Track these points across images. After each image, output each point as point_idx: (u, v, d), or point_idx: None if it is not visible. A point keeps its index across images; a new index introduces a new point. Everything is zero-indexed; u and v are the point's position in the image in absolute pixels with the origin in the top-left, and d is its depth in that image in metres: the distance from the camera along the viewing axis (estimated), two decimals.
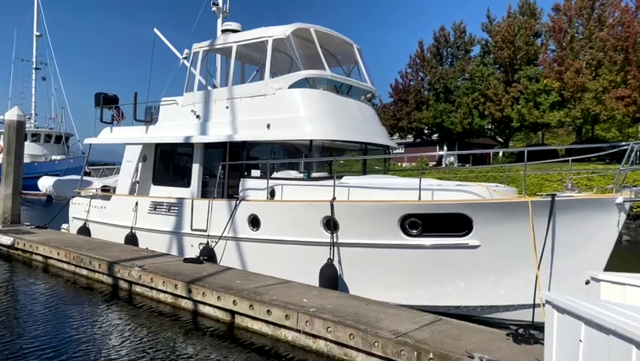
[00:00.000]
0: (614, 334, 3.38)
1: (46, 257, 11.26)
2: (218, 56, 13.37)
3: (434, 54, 46.86)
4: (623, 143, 7.14)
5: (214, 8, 13.74)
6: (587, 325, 3.72)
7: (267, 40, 10.79)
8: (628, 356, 3.23)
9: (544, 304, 4.57)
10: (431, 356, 5.19)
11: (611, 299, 5.05)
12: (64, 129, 47.92)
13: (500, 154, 43.12)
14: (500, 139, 45.61)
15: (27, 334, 6.78)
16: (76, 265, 10.29)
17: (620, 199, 6.80)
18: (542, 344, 4.46)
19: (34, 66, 47.49)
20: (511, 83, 39.12)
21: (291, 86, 10.41)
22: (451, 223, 7.76)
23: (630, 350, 3.22)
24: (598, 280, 5.28)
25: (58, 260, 10.81)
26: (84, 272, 10.09)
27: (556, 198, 7.00)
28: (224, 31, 12.64)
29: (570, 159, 9.57)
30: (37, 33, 46.89)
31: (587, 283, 5.91)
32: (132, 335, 6.92)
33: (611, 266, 7.12)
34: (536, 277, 6.94)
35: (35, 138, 44.79)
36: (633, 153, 6.93)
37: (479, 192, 7.90)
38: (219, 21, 13.66)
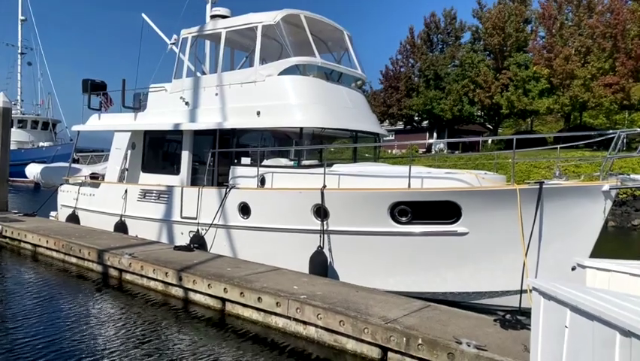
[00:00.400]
0: (599, 320, 3.45)
1: (34, 245, 11.19)
2: (208, 42, 13.24)
3: (424, 40, 46.78)
4: (610, 131, 7.22)
5: None
6: (573, 311, 3.79)
7: (256, 27, 10.69)
8: (612, 341, 3.30)
9: (531, 291, 4.65)
10: (420, 341, 5.27)
11: (597, 285, 5.15)
12: (52, 115, 47.47)
13: (489, 141, 43.37)
14: (490, 126, 45.81)
15: (18, 323, 6.76)
16: (65, 254, 10.24)
17: (606, 187, 6.89)
18: (529, 329, 4.54)
19: (19, 51, 46.82)
20: (501, 69, 39.19)
21: (281, 73, 10.35)
22: (440, 211, 7.82)
23: (614, 335, 3.29)
24: (584, 267, 5.38)
25: (47, 248, 10.74)
26: (74, 260, 10.05)
27: (544, 186, 7.08)
28: (213, 16, 12.50)
29: (558, 146, 9.67)
30: (22, 17, 46.11)
31: (574, 269, 6.02)
32: (123, 323, 6.93)
33: (597, 251, 7.23)
34: (524, 263, 7.04)
35: (22, 124, 44.23)
36: (620, 141, 7.00)
37: (468, 180, 7.95)
38: (208, 7, 13.49)
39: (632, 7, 28.83)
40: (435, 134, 48.15)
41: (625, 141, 7.19)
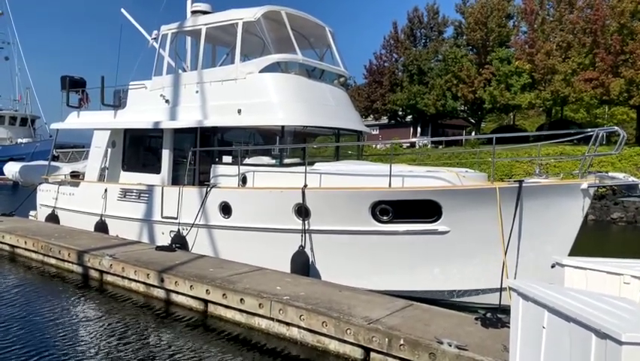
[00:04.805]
0: (575, 321, 3.49)
1: (12, 246, 11.00)
2: (188, 38, 13.08)
3: (408, 35, 46.85)
4: (589, 129, 7.30)
5: None
6: (550, 312, 3.83)
7: (236, 23, 10.58)
8: (587, 342, 3.34)
9: (509, 290, 4.68)
10: (402, 342, 5.28)
11: (575, 284, 5.21)
12: (30, 111, 46.69)
13: (473, 134, 43.71)
14: (473, 120, 46.10)
15: None
16: (44, 255, 10.08)
17: (584, 185, 6.97)
18: (509, 327, 4.58)
19: None
20: (484, 64, 39.41)
21: (262, 70, 10.26)
22: (421, 210, 7.84)
23: (590, 337, 3.33)
24: (562, 265, 5.44)
25: (26, 249, 10.56)
26: (53, 261, 9.90)
27: (523, 185, 7.14)
28: (193, 12, 12.35)
29: (539, 144, 9.77)
30: None
31: (553, 266, 6.09)
32: (104, 325, 6.85)
33: (577, 245, 7.34)
34: (503, 262, 7.10)
35: None
36: (598, 139, 7.09)
37: (449, 179, 7.98)
38: (189, 2, 13.32)
39: (611, 4, 29.14)
40: (419, 129, 48.34)
41: (605, 135, 7.28)
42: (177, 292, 7.61)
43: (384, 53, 47.84)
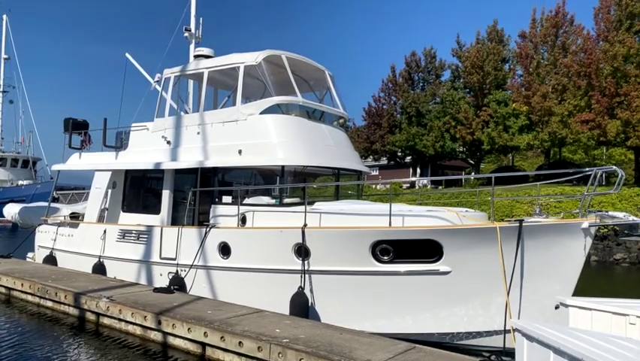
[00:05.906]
0: None
1: (9, 288, 10.83)
2: (191, 81, 13.34)
3: (406, 79, 47.73)
4: (587, 169, 7.34)
5: (186, 34, 13.81)
6: (556, 353, 3.75)
7: (238, 67, 10.81)
8: None
9: (514, 331, 4.60)
10: None
11: (579, 324, 5.13)
12: (32, 153, 47.10)
13: (472, 174, 43.87)
14: (472, 161, 46.40)
15: None
16: (40, 297, 9.91)
17: (585, 224, 6.95)
18: None
19: (1, 89, 46.68)
20: (481, 107, 40.02)
21: (262, 112, 10.41)
22: (422, 249, 7.78)
23: None
24: (566, 306, 5.37)
25: (22, 292, 10.40)
26: (49, 304, 9.73)
27: (523, 224, 7.11)
28: (196, 56, 12.64)
29: (538, 183, 9.81)
30: (5, 56, 46.32)
31: (557, 307, 6.00)
32: None
33: (581, 286, 7.23)
34: (506, 302, 6.98)
35: (1, 162, 43.80)
36: (596, 179, 7.11)
37: (449, 218, 7.95)
38: (192, 47, 13.69)
39: (604, 48, 29.81)
40: (418, 170, 48.59)
41: (604, 175, 7.30)
42: (175, 335, 7.45)
43: (382, 95, 48.67)
